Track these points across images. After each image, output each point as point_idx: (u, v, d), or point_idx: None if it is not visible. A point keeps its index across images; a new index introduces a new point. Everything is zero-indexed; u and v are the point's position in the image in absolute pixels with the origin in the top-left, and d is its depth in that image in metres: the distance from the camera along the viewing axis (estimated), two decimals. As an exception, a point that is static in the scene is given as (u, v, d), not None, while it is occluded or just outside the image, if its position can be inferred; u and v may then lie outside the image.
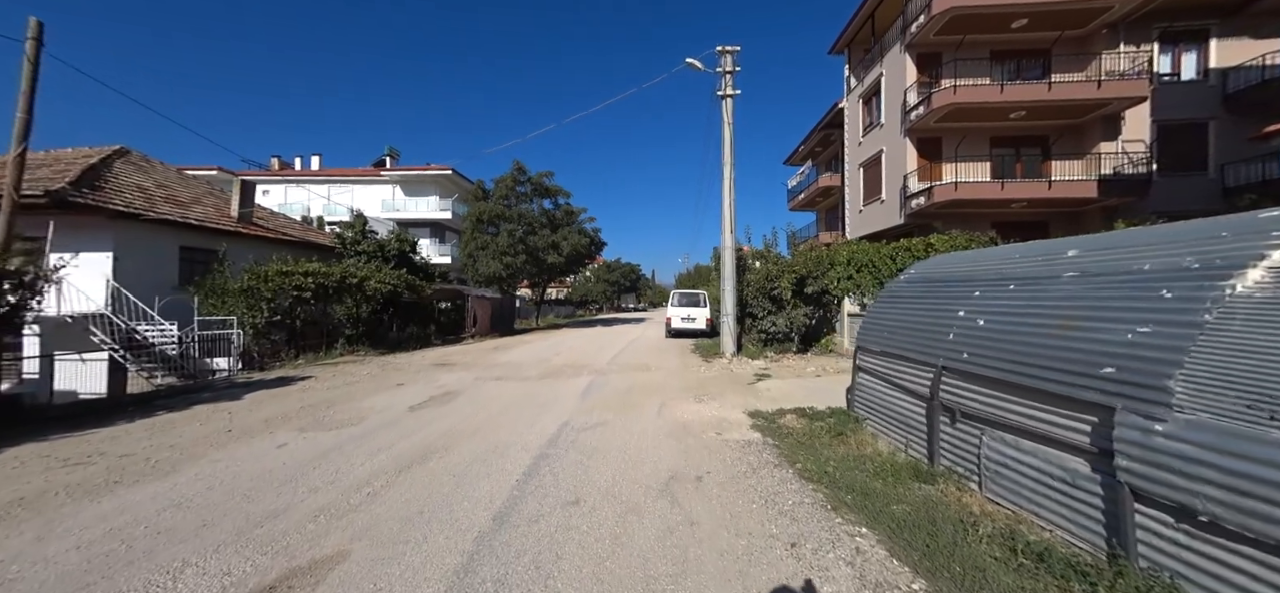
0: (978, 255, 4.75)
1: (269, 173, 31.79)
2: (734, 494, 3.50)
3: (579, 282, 64.12)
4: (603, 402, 6.77)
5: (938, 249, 11.90)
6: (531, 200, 24.40)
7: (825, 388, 7.60)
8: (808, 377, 8.77)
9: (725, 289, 11.89)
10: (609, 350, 13.75)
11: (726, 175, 11.81)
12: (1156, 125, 14.80)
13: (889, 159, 17.57)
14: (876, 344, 5.04)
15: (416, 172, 31.77)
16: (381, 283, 14.75)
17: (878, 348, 5.01)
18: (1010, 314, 3.36)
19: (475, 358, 12.24)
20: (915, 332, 4.39)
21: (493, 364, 10.95)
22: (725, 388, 7.77)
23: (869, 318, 5.45)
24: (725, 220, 11.86)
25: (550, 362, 11.31)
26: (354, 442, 4.78)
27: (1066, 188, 14.00)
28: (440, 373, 9.56)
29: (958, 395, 3.62)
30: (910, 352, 4.35)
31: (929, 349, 4.05)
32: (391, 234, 18.88)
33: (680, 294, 18.56)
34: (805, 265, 12.06)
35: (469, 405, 6.52)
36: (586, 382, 8.45)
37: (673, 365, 10.55)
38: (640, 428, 5.35)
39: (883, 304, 5.33)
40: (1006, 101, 14.00)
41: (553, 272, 25.52)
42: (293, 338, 12.90)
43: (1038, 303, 3.17)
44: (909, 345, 4.41)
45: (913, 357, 4.29)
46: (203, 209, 13.99)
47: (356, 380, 8.66)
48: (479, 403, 6.69)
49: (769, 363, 10.70)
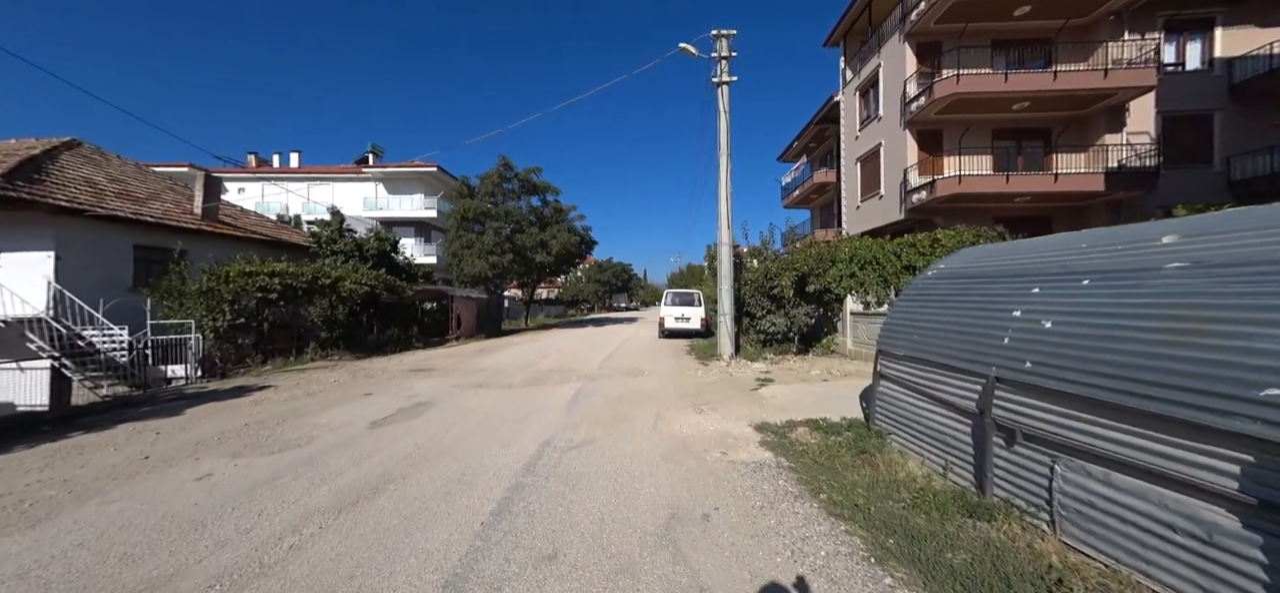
0: (1024, 246, 4.11)
1: (245, 170, 30.52)
2: (751, 541, 2.82)
3: (570, 281, 63.19)
4: (591, 414, 6.07)
5: (944, 245, 11.37)
6: (519, 198, 23.57)
7: (834, 395, 6.98)
8: (813, 382, 8.15)
9: (722, 288, 11.25)
10: (599, 353, 13.04)
11: (723, 166, 11.16)
12: (1161, 117, 14.45)
13: (888, 152, 17.06)
14: (902, 348, 4.41)
15: (400, 168, 30.73)
16: (357, 283, 13.89)
17: (904, 353, 4.38)
18: (1089, 315, 2.72)
19: (456, 363, 11.46)
20: (955, 335, 3.76)
21: (474, 370, 10.19)
22: (726, 396, 7.11)
23: (893, 319, 4.81)
24: (722, 215, 11.21)
25: (536, 366, 10.57)
26: (294, 471, 4.03)
27: (1072, 181, 13.56)
28: (415, 380, 8.79)
29: (1018, 413, 2.98)
30: (949, 358, 3.71)
31: (975, 356, 3.42)
32: (370, 232, 17.98)
33: (674, 293, 17.90)
34: (806, 262, 11.45)
35: (440, 420, 5.78)
36: (574, 389, 7.75)
37: (667, 369, 9.88)
38: (633, 448, 4.66)
39: (910, 303, 4.69)
40: (1010, 91, 13.52)
41: (541, 271, 24.72)
42: (260, 342, 12.02)
43: (1131, 302, 2.53)
44: (947, 351, 3.77)
45: (952, 364, 3.65)
46: (162, 205, 13.02)
47: (321, 390, 7.86)
48: (452, 417, 5.95)
49: (769, 366, 10.07)
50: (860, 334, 11.24)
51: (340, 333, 15.30)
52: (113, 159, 13.79)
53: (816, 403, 6.45)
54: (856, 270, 11.70)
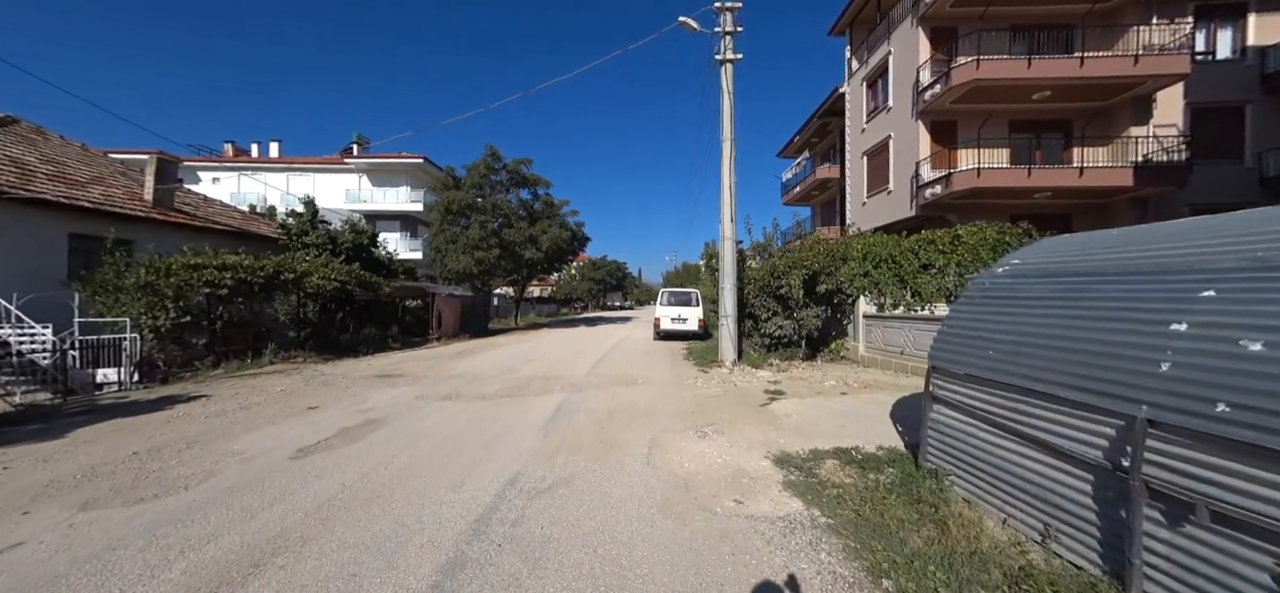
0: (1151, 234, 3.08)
1: (221, 160, 29.10)
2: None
3: (564, 279, 62.04)
4: (572, 437, 5.02)
5: (967, 242, 10.42)
6: (507, 190, 22.42)
7: (858, 413, 5.97)
8: (830, 395, 7.15)
9: (724, 286, 10.22)
10: (590, 356, 11.99)
11: (726, 152, 10.12)
12: (1190, 108, 13.61)
13: (897, 145, 16.13)
14: (968, 365, 3.40)
15: (385, 159, 29.43)
16: (326, 279, 12.73)
17: (971, 372, 3.37)
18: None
19: (429, 367, 10.35)
20: (1059, 352, 2.75)
21: (447, 376, 9.10)
22: (732, 413, 6.08)
23: (952, 327, 3.80)
24: (724, 205, 10.18)
25: (518, 372, 9.50)
26: (150, 533, 2.94)
27: (1099, 175, 12.68)
28: (375, 390, 7.69)
29: (1197, 477, 1.98)
30: (1049, 383, 2.71)
31: (1102, 385, 2.41)
32: (345, 224, 16.79)
33: (670, 293, 16.86)
34: (816, 260, 10.46)
35: (385, 446, 4.70)
36: (556, 403, 6.69)
37: (664, 377, 8.85)
38: (622, 491, 3.62)
39: (976, 308, 3.68)
40: (1033, 79, 12.61)
41: (531, 267, 23.59)
42: (214, 343, 10.84)
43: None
44: (1045, 373, 2.76)
45: (1056, 393, 2.64)
46: (106, 190, 11.78)
47: (260, 402, 6.74)
48: (401, 441, 4.88)
49: (777, 375, 9.08)
50: (874, 339, 10.27)
51: (310, 333, 14.19)
52: (53, 139, 12.52)
53: (840, 423, 5.45)
54: (870, 269, 10.73)
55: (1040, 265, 3.39)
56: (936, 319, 8.41)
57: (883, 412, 5.92)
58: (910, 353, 8.95)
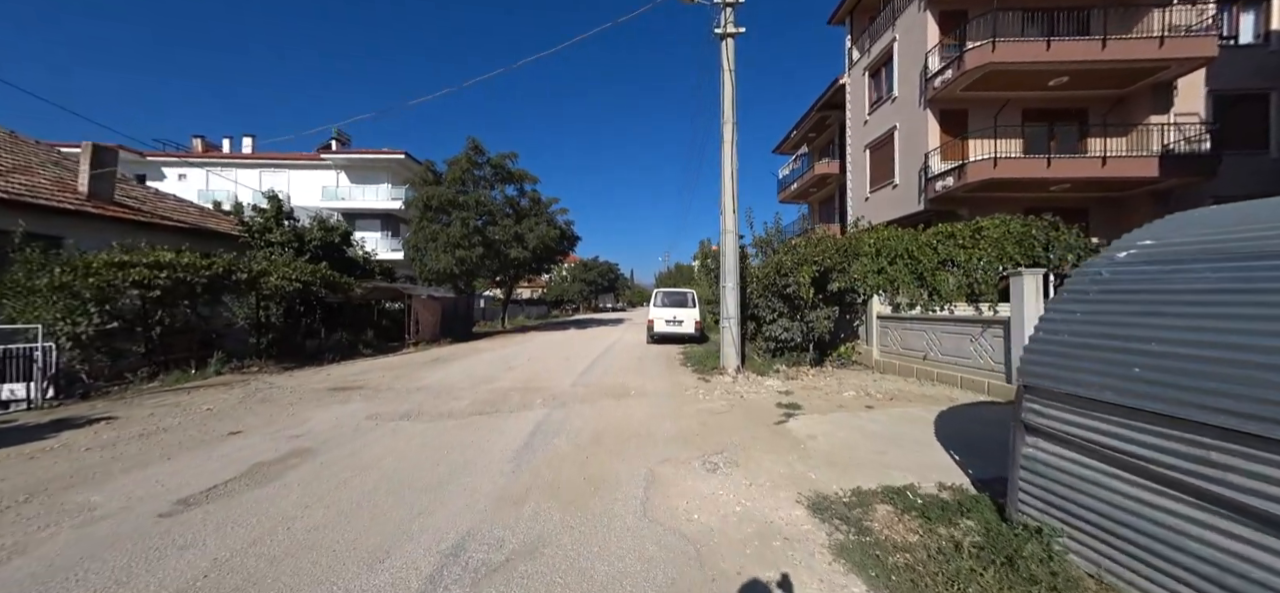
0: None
1: (189, 155, 27.56)
2: None
3: (554, 281, 60.82)
4: (548, 473, 3.97)
5: (991, 235, 9.53)
6: (492, 187, 21.28)
7: (894, 432, 4.98)
8: (853, 408, 6.16)
9: (725, 286, 9.22)
10: (578, 363, 10.92)
11: (727, 137, 9.13)
12: (1211, 96, 12.94)
13: (904, 136, 15.30)
14: (1093, 386, 2.42)
15: (365, 155, 28.08)
16: (286, 279, 11.52)
17: (1095, 395, 2.39)
18: None
19: (396, 377, 9.22)
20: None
21: (413, 387, 7.98)
22: (745, 434, 5.07)
23: (1055, 332, 2.80)
24: (726, 196, 9.18)
25: (495, 382, 8.41)
26: None
27: (1122, 166, 11.91)
28: (321, 407, 6.56)
29: None
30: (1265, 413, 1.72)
31: None
32: (314, 220, 15.54)
33: (665, 293, 15.84)
34: (826, 255, 9.52)
35: (301, 492, 3.61)
36: (534, 422, 5.63)
37: (660, 388, 7.81)
38: (607, 571, 2.57)
39: (1097, 306, 2.68)
40: (1052, 62, 11.81)
41: (518, 267, 22.45)
42: (152, 352, 9.60)
43: None
44: (1253, 402, 1.78)
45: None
46: (30, 179, 10.47)
47: (174, 426, 5.59)
48: (326, 484, 3.79)
49: (786, 383, 8.09)
50: (890, 342, 9.34)
51: (273, 339, 12.97)
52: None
53: (877, 449, 4.46)
54: (885, 266, 9.80)
55: (1201, 245, 2.40)
56: (965, 320, 7.48)
57: (925, 432, 4.94)
58: (935, 358, 8.02)
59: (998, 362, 6.57)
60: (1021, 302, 5.94)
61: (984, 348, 6.85)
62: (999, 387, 6.50)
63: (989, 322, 6.80)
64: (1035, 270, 5.97)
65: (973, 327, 7.13)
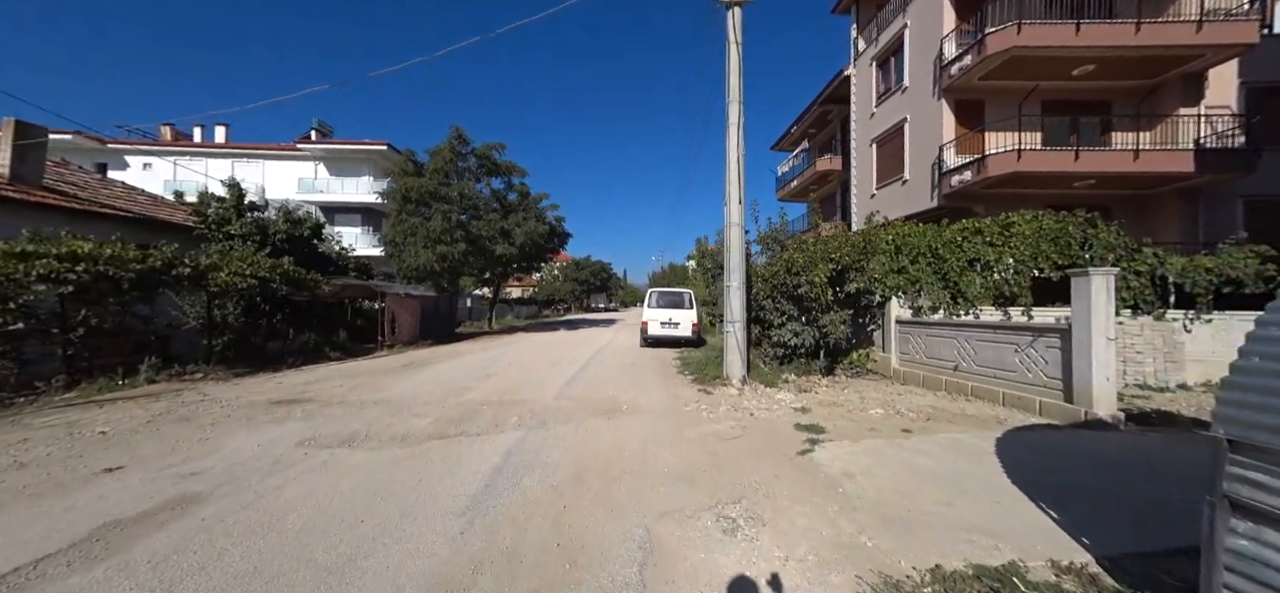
0: None
1: (156, 143, 26.01)
2: None
3: (546, 280, 59.55)
4: (509, 536, 2.92)
5: (1023, 232, 8.64)
6: (478, 179, 20.11)
7: (950, 468, 3.98)
8: (887, 431, 5.17)
9: (730, 285, 8.21)
10: (564, 369, 9.86)
11: (733, 119, 8.12)
12: (1244, 87, 12.19)
13: (915, 128, 14.41)
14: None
15: (345, 146, 26.71)
16: (238, 274, 10.33)
17: None
18: None
19: (355, 387, 8.09)
20: None
21: (370, 400, 6.87)
22: (764, 469, 4.05)
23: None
24: (731, 185, 8.17)
25: (467, 394, 7.33)
26: None
27: (1155, 160, 11.10)
28: (247, 430, 5.44)
29: None
30: None
31: None
32: (280, 211, 14.31)
33: (660, 293, 14.81)
34: (844, 252, 8.56)
35: (141, 578, 2.53)
36: (503, 450, 4.57)
37: (656, 402, 6.78)
38: None
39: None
40: (1080, 47, 10.96)
41: (504, 265, 21.30)
42: (75, 356, 8.39)
43: None
44: None
45: None
46: (-60, 159, 9.18)
47: (41, 457, 4.46)
48: (189, 560, 2.71)
49: (798, 395, 7.09)
50: (912, 350, 8.38)
51: (231, 340, 11.77)
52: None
53: (939, 495, 3.45)
54: (907, 264, 8.85)
55: None
56: (1009, 328, 6.51)
57: (990, 470, 3.95)
58: (968, 370, 7.06)
59: (1052, 377, 5.61)
60: (1088, 307, 4.99)
61: (1034, 360, 5.89)
62: (1054, 406, 5.54)
63: (1041, 330, 5.84)
64: (1106, 269, 5.02)
65: (1018, 335, 6.17)
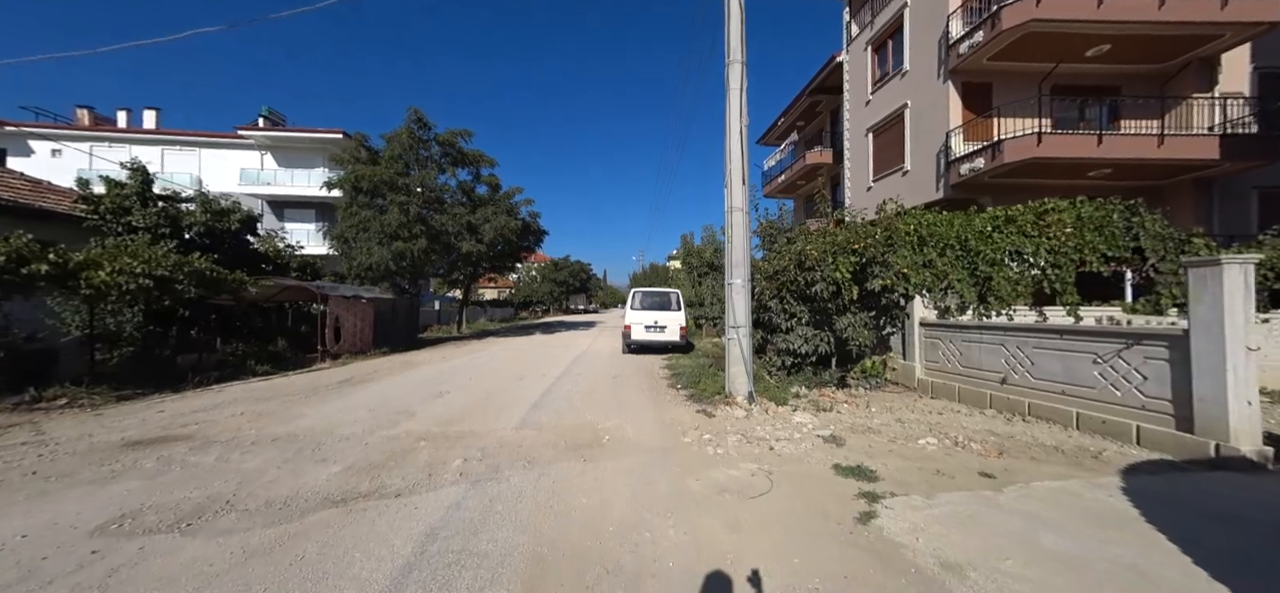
0: None
1: (68, 126, 22.99)
2: None
3: (523, 281, 57.38)
4: None
5: (1063, 220, 7.56)
6: (442, 169, 18.25)
7: (1080, 541, 2.61)
8: (955, 473, 3.84)
9: (733, 282, 6.82)
10: (534, 384, 8.30)
11: (735, 83, 6.74)
12: (1257, 73, 11.62)
13: (916, 115, 13.42)
14: None
15: (296, 134, 24.24)
16: (125, 273, 8.35)
17: None
18: None
19: (263, 414, 6.33)
20: None
21: (273, 435, 5.17)
22: (822, 559, 2.64)
23: None
24: (733, 162, 6.78)
25: (403, 424, 5.70)
26: None
27: (1181, 146, 10.31)
28: (49, 497, 3.72)
29: None
30: None
31: None
32: (198, 198, 12.22)
33: (644, 293, 13.36)
34: (870, 244, 7.31)
35: None
36: (427, 527, 3.04)
37: (647, 433, 5.32)
38: None
39: None
40: (1100, 22, 10.07)
41: (473, 263, 19.48)
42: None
43: None
44: None
45: None
46: None
47: None
48: None
49: (818, 416, 5.76)
50: (941, 358, 7.16)
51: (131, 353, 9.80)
52: None
53: None
54: (934, 257, 7.65)
55: None
56: (1087, 333, 5.29)
57: (1153, 551, 2.63)
58: (1023, 384, 5.85)
59: (1156, 397, 4.40)
60: (1220, 308, 3.78)
61: (1125, 375, 4.68)
62: (1162, 437, 4.30)
63: (1136, 336, 4.61)
64: (1243, 257, 3.83)
65: (1099, 342, 4.96)
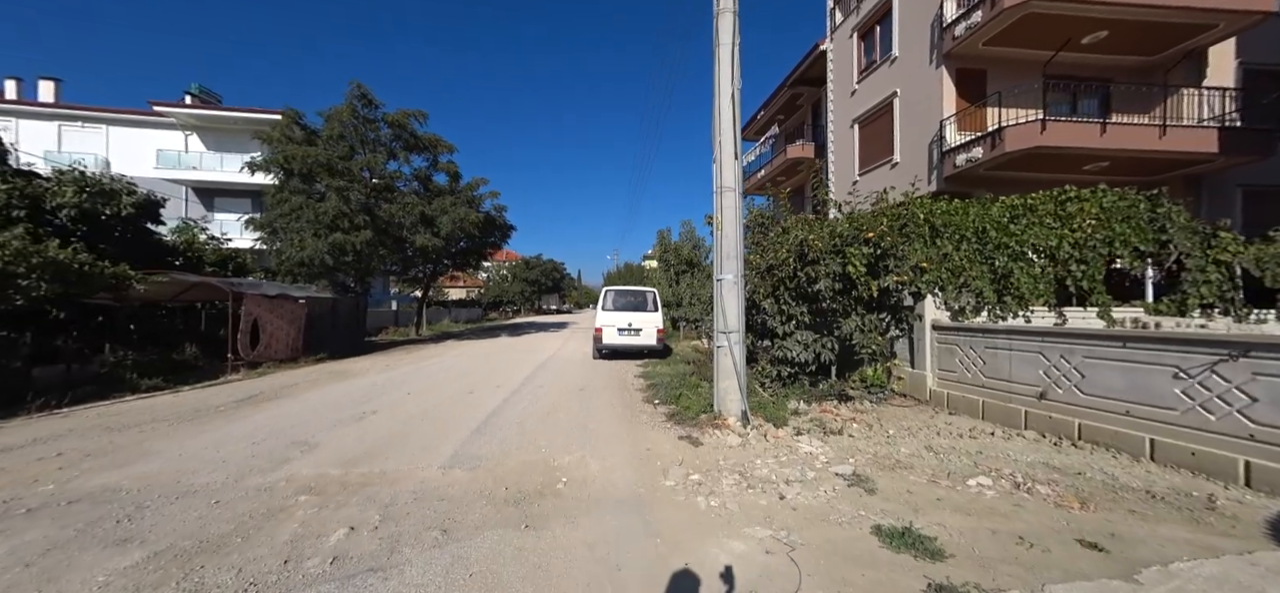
0: None
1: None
2: None
3: (493, 280, 54.96)
4: None
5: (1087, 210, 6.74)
6: (393, 155, 16.39)
7: None
8: (1051, 546, 2.75)
9: (723, 278, 5.62)
10: (485, 399, 6.88)
11: (726, 35, 5.55)
12: (1242, 68, 11.41)
13: (906, 104, 12.69)
14: None
15: (226, 113, 21.62)
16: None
17: None
18: None
19: (94, 454, 4.69)
20: None
21: (92, 490, 3.61)
22: None
23: None
24: (723, 132, 5.59)
25: (287, 466, 4.22)
26: None
27: (1183, 137, 9.86)
28: None
29: None
30: None
31: None
32: (66, 172, 10.10)
33: (618, 293, 12.06)
34: (886, 233, 6.27)
35: None
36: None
37: (616, 474, 4.05)
38: None
39: None
40: (1102, 4, 9.49)
41: (431, 259, 17.69)
42: None
43: None
44: None
45: None
46: None
47: None
48: None
49: (826, 441, 4.63)
50: (958, 366, 6.20)
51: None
52: None
53: None
54: (950, 251, 6.69)
55: None
56: (1164, 341, 4.31)
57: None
58: (1067, 400, 4.89)
59: (1275, 426, 3.45)
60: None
61: (1225, 395, 3.73)
62: (1274, 473, 3.38)
63: (1243, 345, 3.65)
64: None
65: (1183, 351, 3.99)
